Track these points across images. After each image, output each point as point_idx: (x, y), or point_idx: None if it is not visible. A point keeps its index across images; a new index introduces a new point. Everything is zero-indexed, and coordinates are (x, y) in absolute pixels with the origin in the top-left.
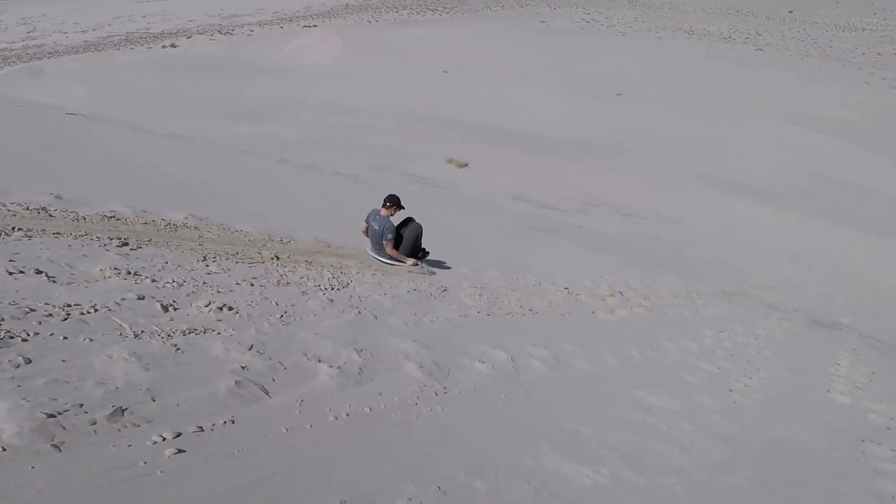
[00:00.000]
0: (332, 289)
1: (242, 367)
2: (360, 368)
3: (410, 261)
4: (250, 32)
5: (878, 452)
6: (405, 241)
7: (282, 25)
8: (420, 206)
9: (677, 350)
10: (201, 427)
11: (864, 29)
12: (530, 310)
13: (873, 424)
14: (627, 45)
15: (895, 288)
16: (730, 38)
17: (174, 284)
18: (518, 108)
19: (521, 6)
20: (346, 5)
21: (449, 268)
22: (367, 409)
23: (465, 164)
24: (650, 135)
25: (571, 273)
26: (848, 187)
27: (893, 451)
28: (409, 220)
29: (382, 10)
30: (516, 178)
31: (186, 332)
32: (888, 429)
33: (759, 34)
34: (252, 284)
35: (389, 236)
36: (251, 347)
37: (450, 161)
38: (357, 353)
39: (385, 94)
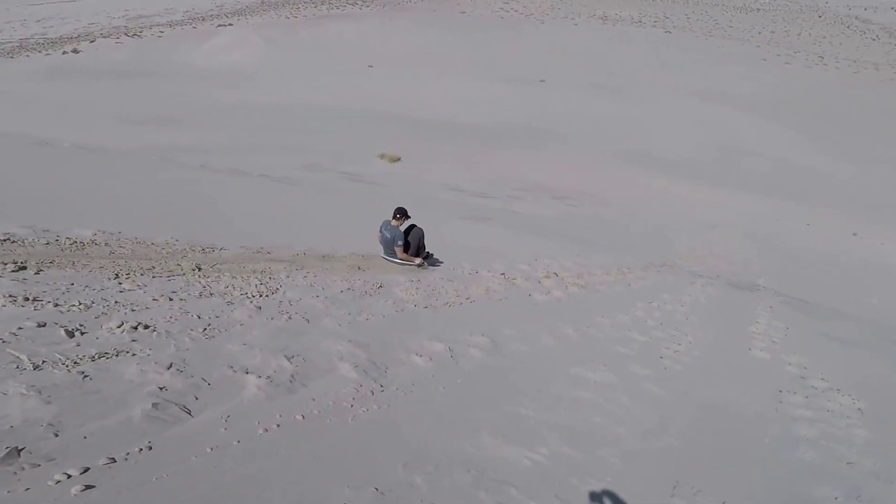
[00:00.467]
0: (260, 296)
1: (161, 389)
2: (292, 376)
3: (417, 260)
4: (161, 34)
5: (794, 400)
6: (411, 245)
7: (194, 25)
8: (353, 202)
9: (611, 324)
10: (113, 458)
11: (758, 10)
12: (468, 298)
13: (789, 375)
14: (546, 33)
15: (804, 247)
16: (640, 22)
17: (81, 307)
18: (446, 99)
19: None
20: (262, 2)
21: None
22: (300, 417)
23: (398, 158)
24: (574, 118)
25: (508, 259)
26: (754, 157)
27: (807, 398)
28: (412, 227)
29: (300, 5)
30: (450, 169)
31: (96, 357)
32: (802, 378)
33: (667, 17)
34: (171, 299)
35: (399, 242)
36: (170, 366)
37: (382, 156)
38: (288, 360)
39: (310, 91)
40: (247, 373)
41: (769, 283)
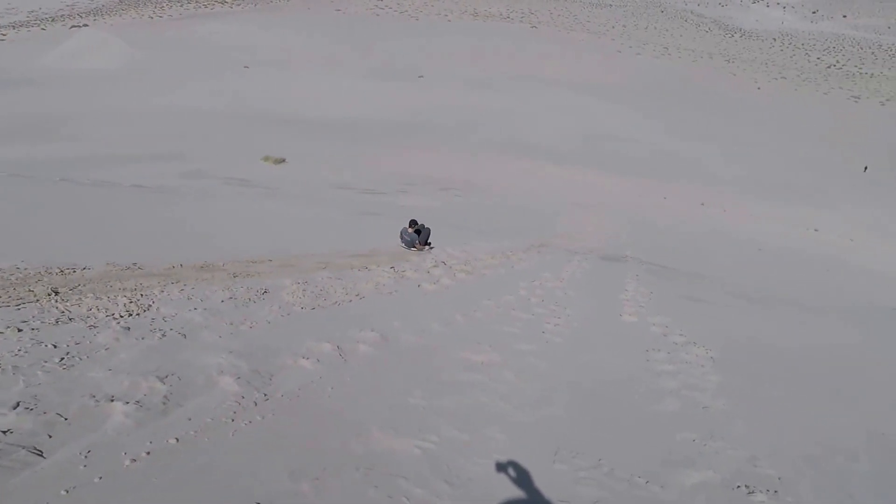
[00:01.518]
0: (129, 315)
1: (4, 433)
2: (165, 397)
3: (426, 248)
4: (2, 37)
5: (658, 357)
6: (421, 239)
7: (43, 27)
8: (236, 208)
9: (497, 306)
10: None
11: (611, 5)
12: (357, 295)
13: (654, 335)
14: (421, 29)
15: (662, 219)
16: (509, 17)
17: None
18: (327, 98)
19: None
20: (120, 1)
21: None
22: (174, 441)
23: (283, 160)
24: (454, 112)
25: (397, 252)
26: (616, 140)
27: (669, 353)
28: (421, 228)
29: (164, 4)
30: (336, 168)
31: None
32: (665, 336)
33: (532, 13)
34: (20, 329)
35: (417, 243)
36: (17, 405)
37: (266, 158)
38: (161, 380)
39: (184, 95)
40: (112, 400)
41: (635, 253)
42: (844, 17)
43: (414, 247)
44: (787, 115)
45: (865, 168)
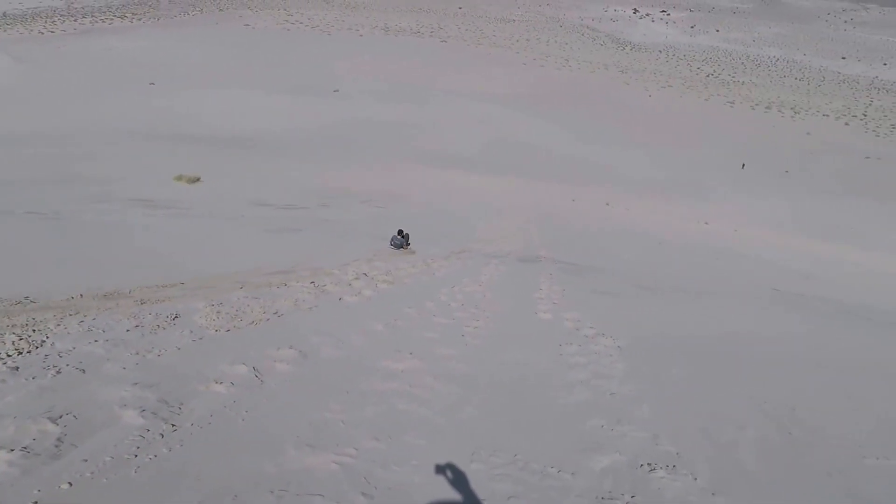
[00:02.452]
0: (19, 354)
1: None
2: (59, 439)
3: (410, 249)
4: None
5: (570, 350)
6: (405, 241)
7: None
8: (147, 229)
9: (418, 313)
10: None
11: (513, 20)
12: (275, 313)
13: (566, 329)
14: (334, 43)
15: (571, 219)
16: (419, 32)
17: None
18: (241, 113)
19: (221, 10)
20: (3, 14)
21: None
22: (66, 486)
23: (197, 179)
24: (370, 125)
25: (318, 266)
26: (526, 147)
27: (580, 346)
28: (406, 234)
29: (55, 18)
30: (255, 184)
31: None
32: (577, 329)
33: (441, 28)
34: None
35: (405, 245)
36: None
37: (179, 178)
38: (53, 421)
39: (85, 114)
40: None
41: (548, 253)
42: (717, 31)
43: (402, 248)
44: (675, 120)
45: (743, 165)
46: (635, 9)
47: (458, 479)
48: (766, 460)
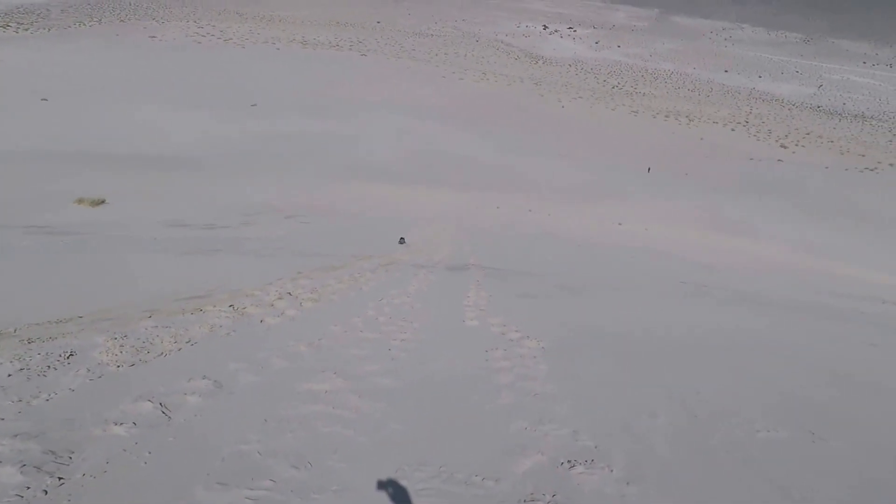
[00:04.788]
0: None
1: None
2: None
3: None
4: None
5: (496, 355)
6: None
7: None
8: (40, 259)
9: (344, 330)
10: None
11: (432, 35)
12: (188, 342)
13: (493, 335)
14: (250, 57)
15: (497, 226)
16: (338, 45)
17: None
18: (153, 129)
19: (122, 20)
20: None
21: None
22: None
23: (102, 201)
24: (292, 139)
25: (238, 287)
26: (450, 158)
27: (505, 350)
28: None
29: None
30: (169, 204)
31: None
32: (503, 334)
33: (360, 41)
34: None
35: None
36: None
37: (80, 201)
38: None
39: None
40: None
41: (477, 261)
42: (619, 46)
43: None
44: (587, 129)
45: (649, 169)
46: (545, 25)
47: (381, 499)
48: (675, 445)
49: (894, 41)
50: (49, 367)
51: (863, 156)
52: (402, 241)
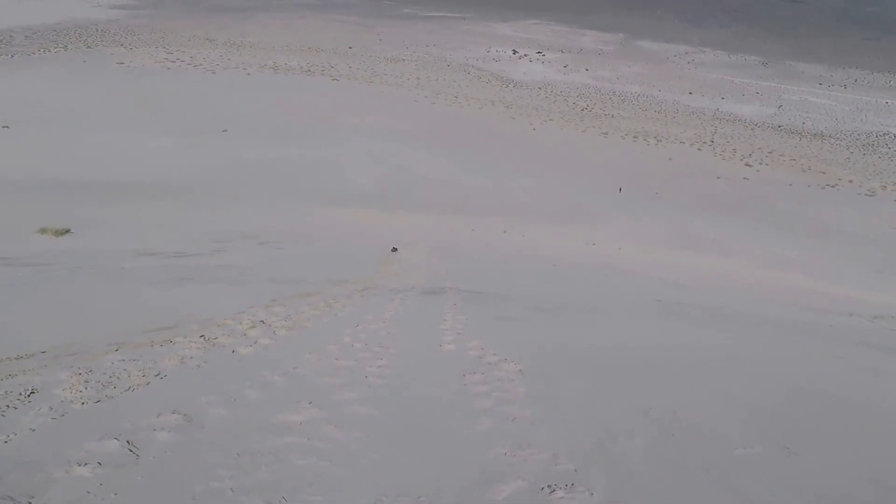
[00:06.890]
0: None
1: None
2: None
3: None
4: None
5: (474, 379)
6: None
7: None
8: (0, 292)
9: (319, 358)
10: None
11: (404, 60)
12: (157, 375)
13: (470, 359)
14: (220, 82)
15: (472, 248)
16: (310, 71)
17: None
18: (121, 157)
19: (89, 46)
20: None
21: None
22: None
23: (67, 231)
24: (263, 163)
25: (210, 317)
26: (424, 181)
27: (483, 374)
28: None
29: None
30: (139, 233)
31: None
32: (480, 357)
33: (332, 66)
34: None
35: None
36: None
37: (42, 231)
38: None
39: None
40: None
41: (453, 284)
42: (587, 70)
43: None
44: (558, 150)
45: (620, 189)
46: (514, 50)
47: None
48: (653, 465)
49: (846, 64)
50: (8, 406)
51: (823, 173)
52: (394, 250)
